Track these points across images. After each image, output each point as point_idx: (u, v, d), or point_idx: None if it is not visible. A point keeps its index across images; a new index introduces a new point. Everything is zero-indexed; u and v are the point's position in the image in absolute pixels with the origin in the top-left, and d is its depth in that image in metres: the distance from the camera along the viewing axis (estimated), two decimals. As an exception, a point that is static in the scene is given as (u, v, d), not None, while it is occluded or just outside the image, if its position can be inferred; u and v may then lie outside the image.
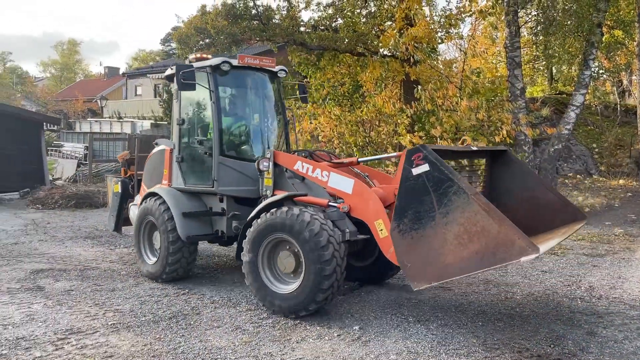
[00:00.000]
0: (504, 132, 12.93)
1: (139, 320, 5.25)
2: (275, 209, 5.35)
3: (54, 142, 28.40)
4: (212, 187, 6.36)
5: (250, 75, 6.89)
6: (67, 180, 18.75)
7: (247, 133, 6.97)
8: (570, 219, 5.35)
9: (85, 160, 20.40)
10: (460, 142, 7.28)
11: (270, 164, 6.02)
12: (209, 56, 6.74)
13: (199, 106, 6.81)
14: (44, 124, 18.01)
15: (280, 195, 5.61)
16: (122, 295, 6.13)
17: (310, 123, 15.65)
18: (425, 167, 4.33)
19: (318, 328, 5.01)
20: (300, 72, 17.12)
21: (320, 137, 15.40)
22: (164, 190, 6.74)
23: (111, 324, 5.13)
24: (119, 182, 8.14)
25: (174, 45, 46.00)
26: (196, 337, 4.78)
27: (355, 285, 6.48)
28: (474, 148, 5.75)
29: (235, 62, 6.45)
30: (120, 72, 50.92)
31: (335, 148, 15.28)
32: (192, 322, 5.18)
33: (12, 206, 14.24)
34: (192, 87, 6.09)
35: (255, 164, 6.14)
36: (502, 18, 15.06)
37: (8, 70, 64.81)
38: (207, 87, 6.41)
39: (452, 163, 6.78)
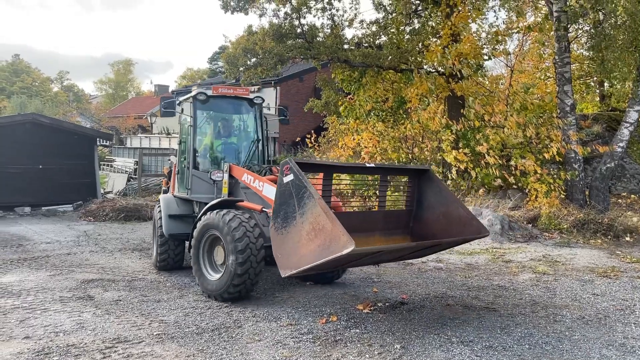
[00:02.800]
0: (554, 149, 12.58)
1: (183, 331, 5.35)
2: (210, 212, 6.46)
3: (106, 156, 29.55)
4: (187, 195, 7.76)
5: (230, 102, 8.18)
6: (118, 193, 19.43)
7: (219, 150, 8.19)
8: (475, 232, 5.94)
9: (135, 175, 21.09)
10: (360, 159, 8.51)
11: (226, 175, 7.12)
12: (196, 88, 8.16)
13: (188, 129, 8.03)
14: (97, 139, 18.77)
15: (216, 200, 6.76)
16: (167, 306, 6.26)
17: (353, 139, 15.70)
18: (290, 177, 5.14)
19: (359, 345, 4.96)
20: (343, 88, 17.25)
21: (362, 153, 15.41)
22: (163, 197, 8.32)
23: (156, 334, 5.25)
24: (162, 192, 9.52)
25: (220, 63, 47.25)
26: (237, 350, 4.83)
27: (396, 303, 6.40)
28: (369, 165, 6.36)
29: (210, 92, 7.82)
30: (169, 90, 52.66)
31: (378, 164, 15.24)
32: (233, 335, 5.24)
33: (66, 218, 14.85)
34: (171, 114, 7.87)
35: (209, 174, 7.36)
36: (552, 33, 14.75)
37: (65, 88, 68.22)
38: (190, 114, 7.82)
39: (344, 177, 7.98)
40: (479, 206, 12.38)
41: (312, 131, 18.72)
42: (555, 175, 12.76)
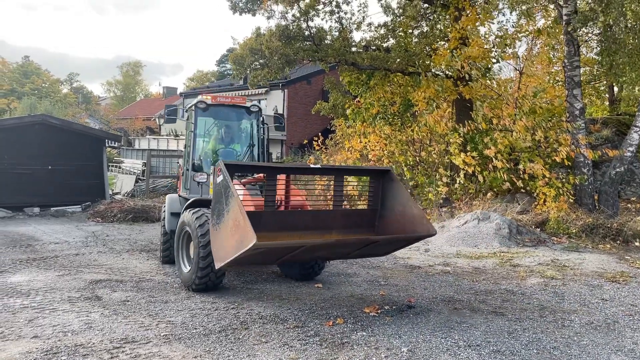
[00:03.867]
0: (562, 153, 12.52)
1: (190, 332, 5.37)
2: (186, 210, 7.07)
3: (115, 158, 29.72)
4: (187, 195, 8.26)
5: (228, 110, 8.79)
6: (126, 195, 19.53)
7: (215, 153, 8.66)
8: (425, 231, 6.21)
9: (143, 176, 21.19)
10: (309, 160, 9.06)
11: (212, 176, 7.14)
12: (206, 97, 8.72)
13: (189, 134, 8.69)
14: (106, 140, 18.89)
15: (191, 199, 7.32)
16: (175, 307, 6.28)
17: (360, 142, 15.69)
18: (221, 177, 5.66)
19: (365, 348, 4.95)
20: (351, 91, 17.25)
21: (369, 156, 15.39)
22: (169, 196, 8.97)
23: (163, 335, 5.27)
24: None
25: (228, 66, 47.41)
26: (244, 352, 4.84)
27: (403, 306, 6.38)
28: (313, 166, 6.71)
29: (210, 101, 8.45)
30: (178, 92, 52.89)
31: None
32: (240, 337, 5.24)
33: (75, 219, 14.95)
34: (173, 121, 8.74)
35: (192, 176, 7.85)
36: (561, 37, 14.69)
37: (74, 90, 68.70)
38: (192, 120, 8.46)
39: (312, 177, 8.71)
40: (486, 210, 12.33)
41: (320, 133, 18.74)
42: (564, 180, 12.69)
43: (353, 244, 6.07)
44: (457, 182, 13.98)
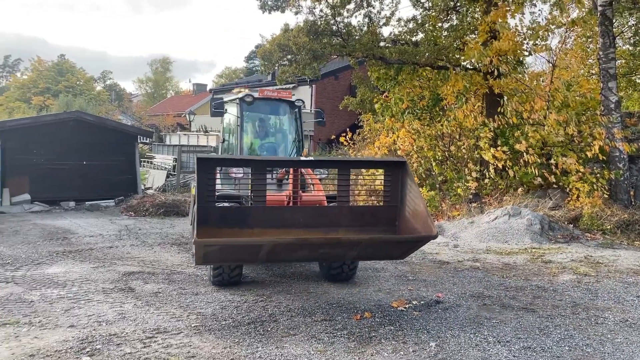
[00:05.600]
0: (596, 147, 12.20)
1: (220, 324, 5.46)
2: None
3: (147, 153, 30.29)
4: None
5: (272, 104, 8.57)
6: (157, 189, 19.90)
7: (261, 148, 8.43)
8: (428, 231, 5.41)
9: (174, 171, 21.55)
10: (303, 153, 8.56)
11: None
12: (244, 90, 8.61)
13: (234, 129, 8.46)
14: (138, 136, 19.27)
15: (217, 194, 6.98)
16: (205, 299, 6.40)
17: (389, 137, 15.60)
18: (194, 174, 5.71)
19: (393, 342, 4.96)
20: (379, 87, 17.16)
21: (398, 151, 15.29)
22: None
23: (194, 326, 5.37)
24: None
25: (256, 62, 47.74)
26: (273, 344, 4.90)
27: (431, 301, 6.35)
28: (305, 158, 6.34)
29: (256, 94, 8.24)
30: (207, 88, 53.52)
31: (414, 162, 15.10)
32: (269, 329, 5.31)
33: (108, 213, 15.32)
34: (220, 114, 8.53)
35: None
36: (596, 28, 14.29)
37: (107, 87, 70.22)
38: (236, 114, 8.19)
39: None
40: (517, 205, 12.12)
41: (348, 129, 18.70)
42: (598, 174, 12.37)
43: (327, 245, 5.38)
44: (487, 177, 13.78)
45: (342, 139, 18.08)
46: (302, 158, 6.43)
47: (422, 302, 6.34)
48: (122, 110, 55.78)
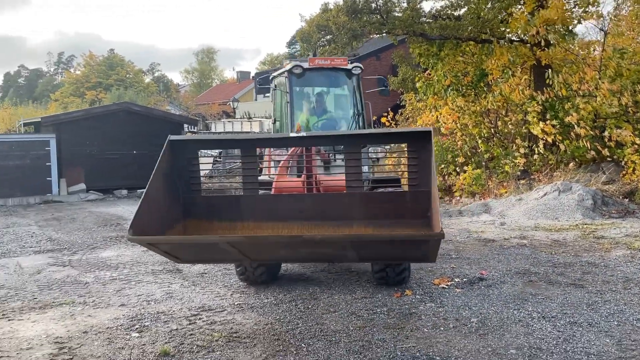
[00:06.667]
0: (652, 117, 11.56)
1: (262, 302, 5.58)
2: None
3: (194, 142, 30.91)
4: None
5: (326, 75, 7.54)
6: (204, 175, 20.38)
7: (316, 126, 7.35)
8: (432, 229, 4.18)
9: (220, 158, 21.98)
10: (297, 126, 6.85)
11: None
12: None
13: (283, 106, 7.55)
14: (185, 125, 19.74)
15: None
16: (248, 279, 6.53)
17: (432, 115, 15.31)
18: None
19: (434, 319, 4.92)
20: (421, 64, 16.81)
21: (442, 130, 14.99)
22: None
23: (237, 304, 5.51)
24: None
25: (298, 47, 47.72)
26: (313, 320, 4.96)
27: (474, 278, 6.25)
28: (293, 134, 5.41)
29: (306, 64, 7.16)
30: (250, 76, 54.03)
31: (458, 141, 14.77)
32: (309, 306, 5.38)
33: (158, 199, 15.84)
34: (266, 90, 7.50)
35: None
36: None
37: (155, 79, 72.09)
38: (285, 89, 7.26)
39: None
40: (568, 181, 11.67)
41: (389, 109, 18.47)
42: (656, 146, 11.72)
43: (304, 244, 4.12)
44: (536, 152, 13.31)
45: (383, 119, 17.87)
46: (293, 134, 5.45)
47: (464, 279, 6.24)
48: (169, 101, 57.19)
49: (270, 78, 7.76)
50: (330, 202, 5.20)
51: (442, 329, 4.65)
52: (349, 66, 7.30)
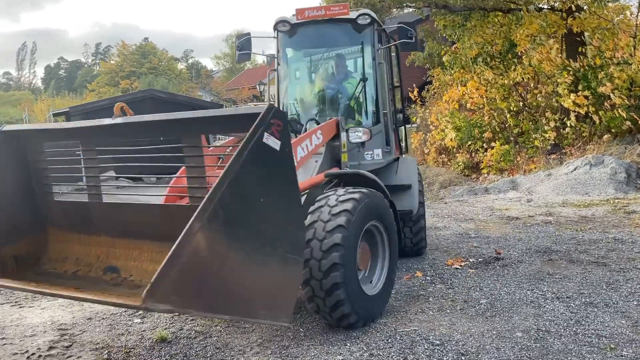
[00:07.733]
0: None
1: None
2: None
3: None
4: None
5: (325, 29, 5.71)
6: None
7: (318, 101, 5.88)
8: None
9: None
10: (116, 107, 3.74)
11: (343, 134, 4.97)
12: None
13: (275, 76, 6.05)
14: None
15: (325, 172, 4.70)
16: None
17: (458, 90, 14.84)
18: None
19: (441, 301, 4.72)
20: (446, 36, 16.27)
21: (468, 105, 14.52)
22: None
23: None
24: None
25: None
26: (315, 304, 4.84)
27: (490, 258, 5.99)
28: (110, 122, 3.60)
29: (295, 19, 5.55)
30: (279, 58, 53.83)
31: (486, 115, 14.28)
32: (315, 290, 5.25)
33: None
34: (247, 57, 5.94)
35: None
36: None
37: (189, 66, 72.89)
38: (276, 53, 5.85)
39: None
40: (601, 154, 11.12)
41: (414, 85, 18.02)
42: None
43: None
44: (568, 125, 12.73)
45: (410, 96, 17.44)
46: (109, 122, 3.63)
47: (479, 259, 6.00)
48: (201, 87, 57.76)
49: (248, 39, 5.90)
50: (168, 216, 3.74)
51: (448, 311, 4.45)
52: (352, 15, 5.42)
